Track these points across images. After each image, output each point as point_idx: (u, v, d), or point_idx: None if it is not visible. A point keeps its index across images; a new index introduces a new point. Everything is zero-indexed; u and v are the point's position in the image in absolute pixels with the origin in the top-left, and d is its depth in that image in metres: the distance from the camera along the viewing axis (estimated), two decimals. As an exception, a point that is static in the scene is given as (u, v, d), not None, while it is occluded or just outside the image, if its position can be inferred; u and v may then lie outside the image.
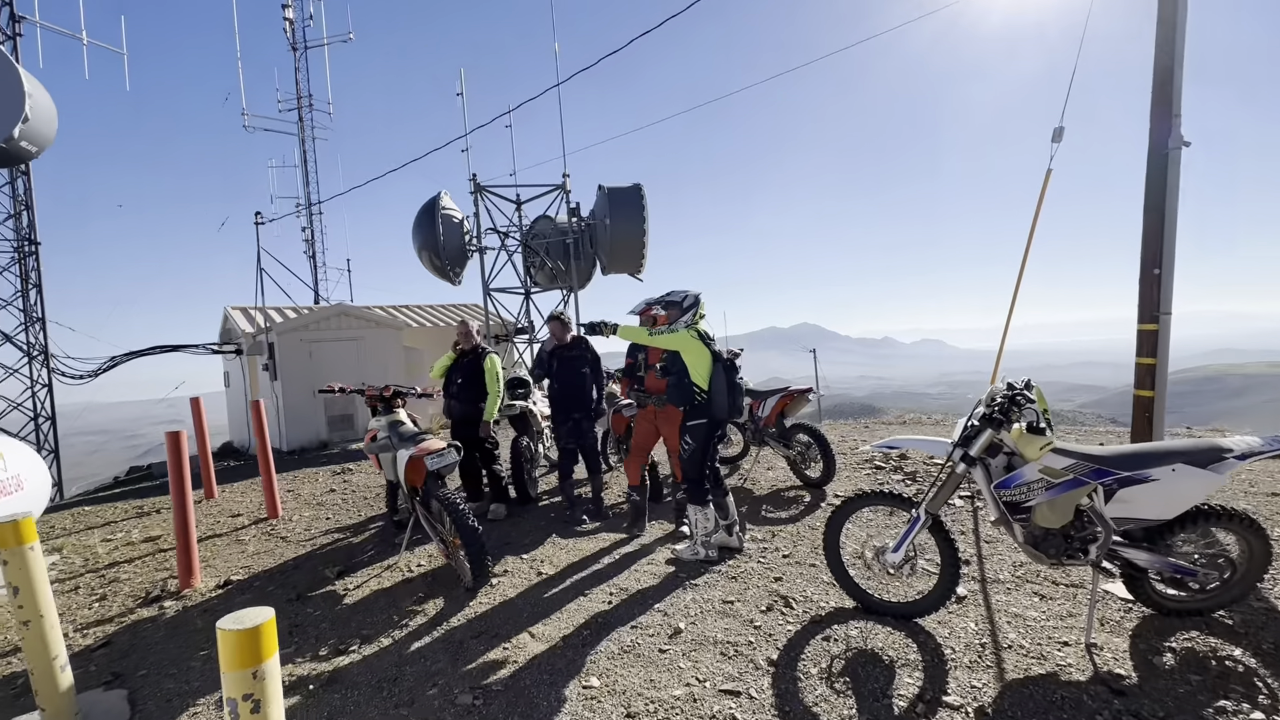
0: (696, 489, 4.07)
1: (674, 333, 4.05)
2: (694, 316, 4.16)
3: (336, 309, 12.59)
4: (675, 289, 4.25)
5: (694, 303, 4.18)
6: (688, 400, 4.03)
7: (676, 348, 4.04)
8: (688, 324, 4.14)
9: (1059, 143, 5.93)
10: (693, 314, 4.16)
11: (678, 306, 4.19)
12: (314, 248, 21.29)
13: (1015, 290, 6.12)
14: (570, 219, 14.72)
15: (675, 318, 4.16)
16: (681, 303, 4.19)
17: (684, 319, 4.16)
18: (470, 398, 5.31)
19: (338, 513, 6.00)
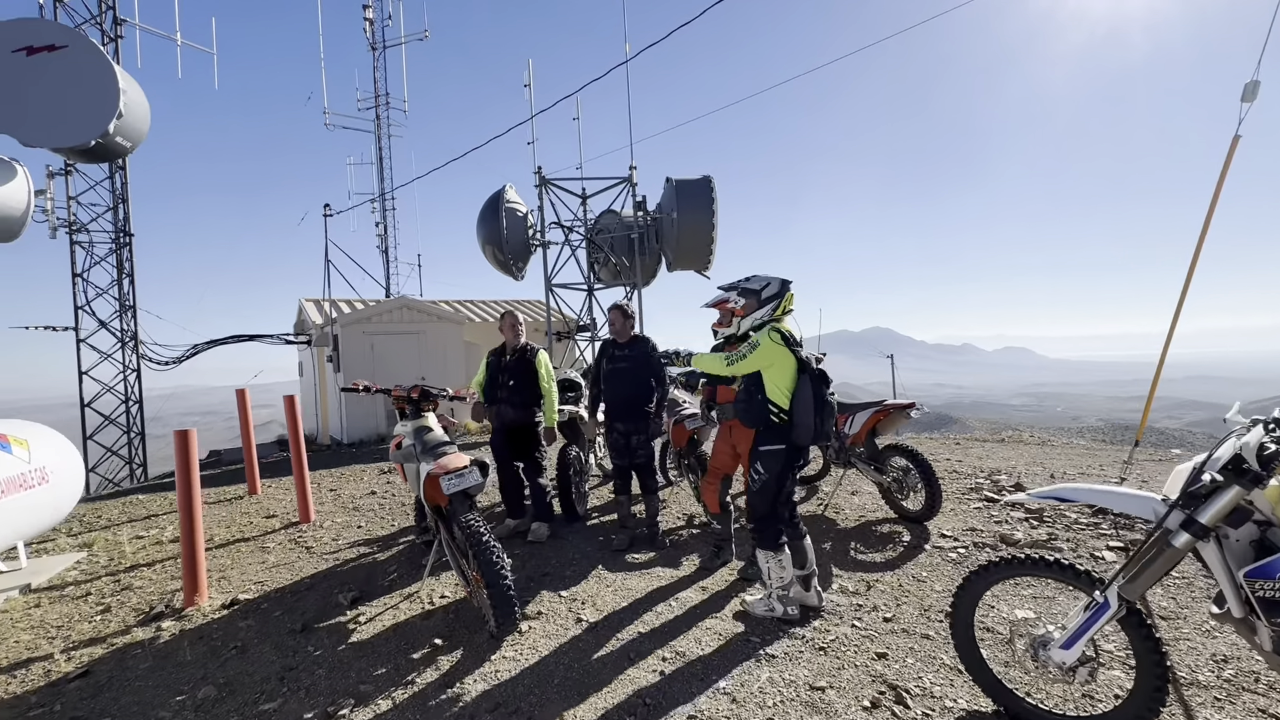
0: (766, 529, 3.23)
1: (755, 350, 3.18)
2: (777, 310, 3.31)
3: (398, 302, 12.46)
4: (755, 274, 3.40)
5: (778, 292, 3.31)
6: (761, 420, 3.20)
7: (759, 366, 3.21)
8: (769, 321, 3.30)
9: (1252, 102, 4.68)
10: (775, 307, 3.30)
11: (755, 296, 3.33)
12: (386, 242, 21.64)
13: (1185, 286, 4.91)
14: (636, 213, 14.04)
15: (753, 309, 3.32)
16: (761, 291, 3.32)
17: (763, 312, 3.31)
18: (523, 401, 4.69)
19: (371, 521, 5.53)
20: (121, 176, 14.06)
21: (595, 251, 14.57)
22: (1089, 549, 4.28)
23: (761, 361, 3.15)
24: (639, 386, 4.50)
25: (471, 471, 3.22)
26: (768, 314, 3.28)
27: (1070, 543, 4.39)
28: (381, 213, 21.13)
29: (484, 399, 4.83)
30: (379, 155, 21.04)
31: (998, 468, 7.50)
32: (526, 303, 17.07)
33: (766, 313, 3.28)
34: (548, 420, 4.67)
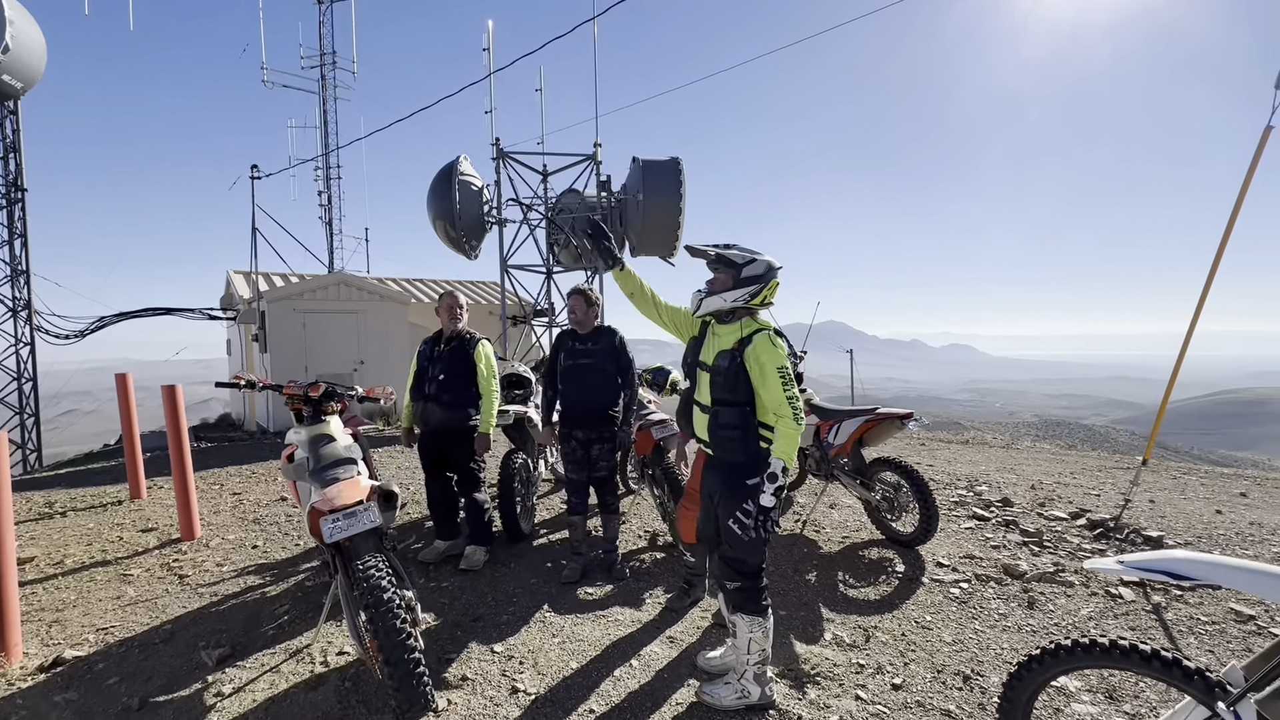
0: (752, 589, 2.51)
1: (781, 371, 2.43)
2: (755, 299, 2.49)
3: (336, 278, 11.34)
4: (738, 244, 2.55)
5: (761, 275, 2.48)
6: (754, 451, 2.47)
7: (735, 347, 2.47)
8: (742, 310, 2.51)
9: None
10: (755, 294, 2.48)
11: (733, 271, 2.48)
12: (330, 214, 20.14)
13: (1206, 286, 4.46)
14: (600, 193, 13.20)
15: (725, 286, 2.49)
16: (742, 267, 2.47)
17: (737, 295, 2.47)
18: (455, 399, 3.89)
19: (272, 539, 4.62)
20: (12, 123, 12.35)
21: (555, 232, 13.68)
22: (1101, 584, 3.80)
23: (755, 356, 2.45)
24: (603, 387, 3.76)
25: (367, 510, 2.41)
26: (742, 299, 2.46)
27: (1081, 575, 3.90)
28: (325, 181, 19.61)
29: (411, 395, 4.01)
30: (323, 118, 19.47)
31: (974, 475, 7.10)
32: (480, 284, 16.04)
33: (741, 297, 2.46)
34: (483, 424, 3.89)
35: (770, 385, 2.38)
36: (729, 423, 2.48)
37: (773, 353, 2.40)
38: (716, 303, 2.51)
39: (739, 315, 2.54)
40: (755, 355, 2.41)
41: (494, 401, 3.93)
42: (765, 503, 2.32)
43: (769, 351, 2.40)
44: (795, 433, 2.35)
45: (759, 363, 2.39)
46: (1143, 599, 3.63)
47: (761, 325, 2.52)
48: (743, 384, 2.44)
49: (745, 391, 2.44)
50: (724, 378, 2.48)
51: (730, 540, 2.50)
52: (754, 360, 2.41)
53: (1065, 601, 3.58)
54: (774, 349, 2.40)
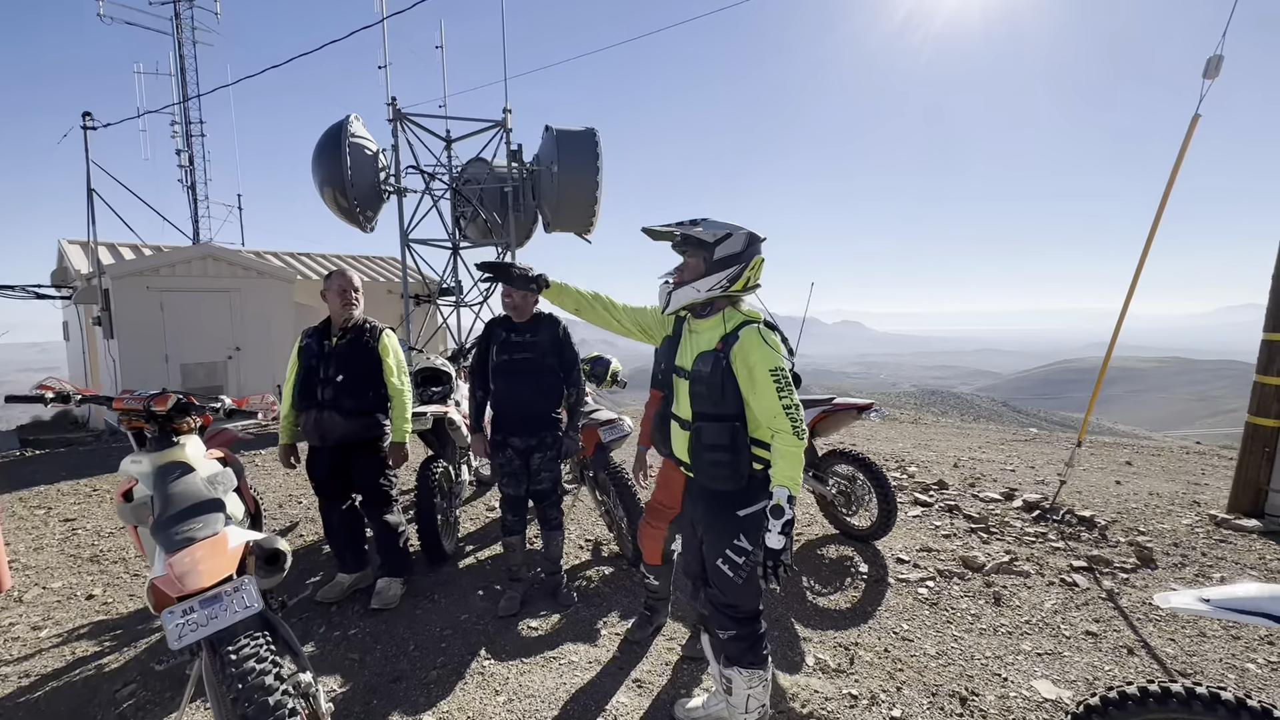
0: (750, 638, 2.06)
1: (718, 313, 2.04)
2: (738, 281, 2.01)
3: (201, 250, 9.75)
4: (708, 218, 2.03)
5: (741, 251, 2.00)
6: (739, 479, 1.99)
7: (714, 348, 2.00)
8: (723, 298, 2.04)
9: (1213, 79, 4.30)
10: (736, 275, 2.00)
11: (704, 253, 2.00)
12: (192, 177, 17.60)
13: (1140, 262, 4.54)
14: (510, 163, 12.27)
15: (697, 273, 2.01)
16: (715, 245, 1.98)
17: (715, 281, 1.99)
18: (358, 405, 3.16)
19: (117, 581, 3.65)
20: None
21: (462, 204, 12.62)
22: (1054, 570, 3.78)
23: (746, 358, 1.95)
24: (544, 385, 3.19)
25: (239, 591, 1.71)
26: (720, 285, 1.99)
27: (1034, 563, 3.86)
28: (184, 138, 17.07)
29: (294, 403, 3.22)
30: (179, 64, 16.84)
31: (897, 454, 7.20)
32: (378, 259, 14.62)
33: (718, 284, 1.99)
34: (396, 433, 3.22)
35: (763, 392, 1.90)
36: (715, 441, 1.99)
37: (764, 351, 1.92)
38: (689, 294, 2.02)
39: (719, 306, 2.05)
40: (743, 355, 1.93)
41: (408, 404, 3.25)
42: (773, 544, 1.83)
43: (759, 350, 1.92)
44: (797, 450, 1.88)
45: (747, 365, 1.92)
46: (1095, 585, 3.63)
47: (749, 316, 2.03)
48: (730, 392, 1.95)
49: (734, 402, 1.96)
50: (706, 386, 1.99)
51: (720, 583, 2.04)
52: (741, 362, 1.93)
53: (1028, 594, 3.50)
54: (765, 346, 1.92)
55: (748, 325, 1.98)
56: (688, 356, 2.09)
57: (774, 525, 1.84)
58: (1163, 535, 4.34)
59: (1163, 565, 3.87)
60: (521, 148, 12.51)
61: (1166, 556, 3.99)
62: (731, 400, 1.96)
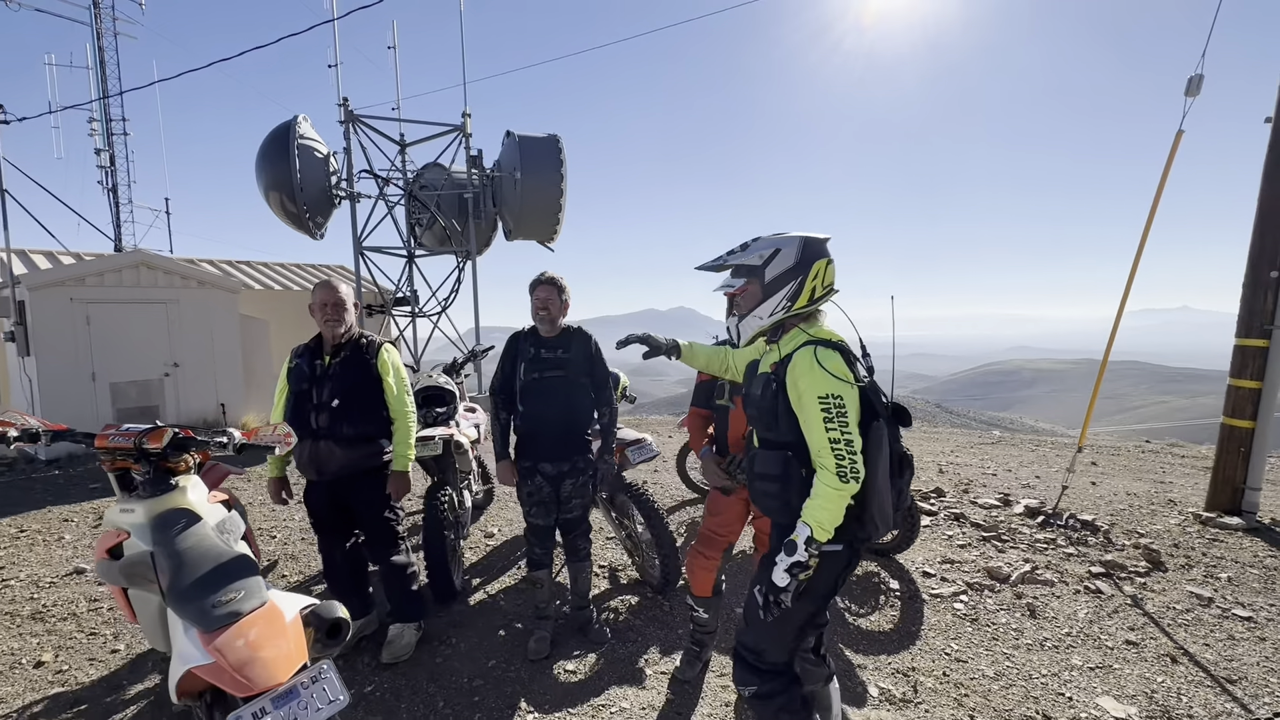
0: (773, 695, 1.82)
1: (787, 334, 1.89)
2: (800, 298, 1.83)
3: (134, 258, 8.90)
4: (758, 237, 1.91)
5: (795, 264, 1.82)
6: (789, 513, 1.75)
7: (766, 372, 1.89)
8: (789, 320, 1.88)
9: (1195, 96, 4.50)
10: (795, 291, 1.82)
11: (755, 275, 1.86)
12: (113, 179, 16.25)
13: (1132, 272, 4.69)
14: (470, 169, 11.87)
15: (755, 300, 1.87)
16: (764, 267, 1.84)
17: (774, 305, 1.84)
18: (358, 433, 2.81)
19: (70, 642, 3.13)
20: None
21: (418, 211, 12.11)
22: (1075, 577, 3.80)
23: (799, 387, 1.75)
24: (577, 405, 2.94)
25: (320, 683, 1.37)
26: (781, 308, 1.83)
27: (1054, 571, 3.88)
28: (105, 136, 15.76)
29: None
30: (99, 57, 15.54)
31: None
32: (327, 268, 13.84)
33: (779, 306, 1.83)
34: (398, 460, 2.88)
35: (810, 422, 1.71)
36: (765, 470, 1.85)
37: (815, 376, 1.70)
38: (753, 325, 1.90)
39: (790, 326, 1.90)
40: (794, 379, 1.75)
41: (412, 427, 2.90)
42: (776, 579, 1.68)
43: (810, 374, 1.71)
44: (835, 494, 1.64)
45: (797, 390, 1.74)
46: (1118, 591, 3.67)
47: (814, 335, 1.82)
48: (784, 418, 1.79)
49: (788, 429, 1.78)
50: (757, 409, 1.88)
51: (748, 613, 1.86)
52: (792, 386, 1.76)
53: (1059, 604, 3.49)
54: (817, 370, 1.70)
55: (805, 346, 1.78)
56: (754, 379, 1.98)
57: (782, 561, 1.67)
58: (1160, 536, 4.46)
59: (1172, 567, 3.96)
60: (481, 153, 12.14)
61: (1171, 558, 4.09)
62: (786, 427, 1.79)
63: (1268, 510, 4.93)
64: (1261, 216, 4.82)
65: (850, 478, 1.64)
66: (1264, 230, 4.81)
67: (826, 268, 1.84)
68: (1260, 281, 4.83)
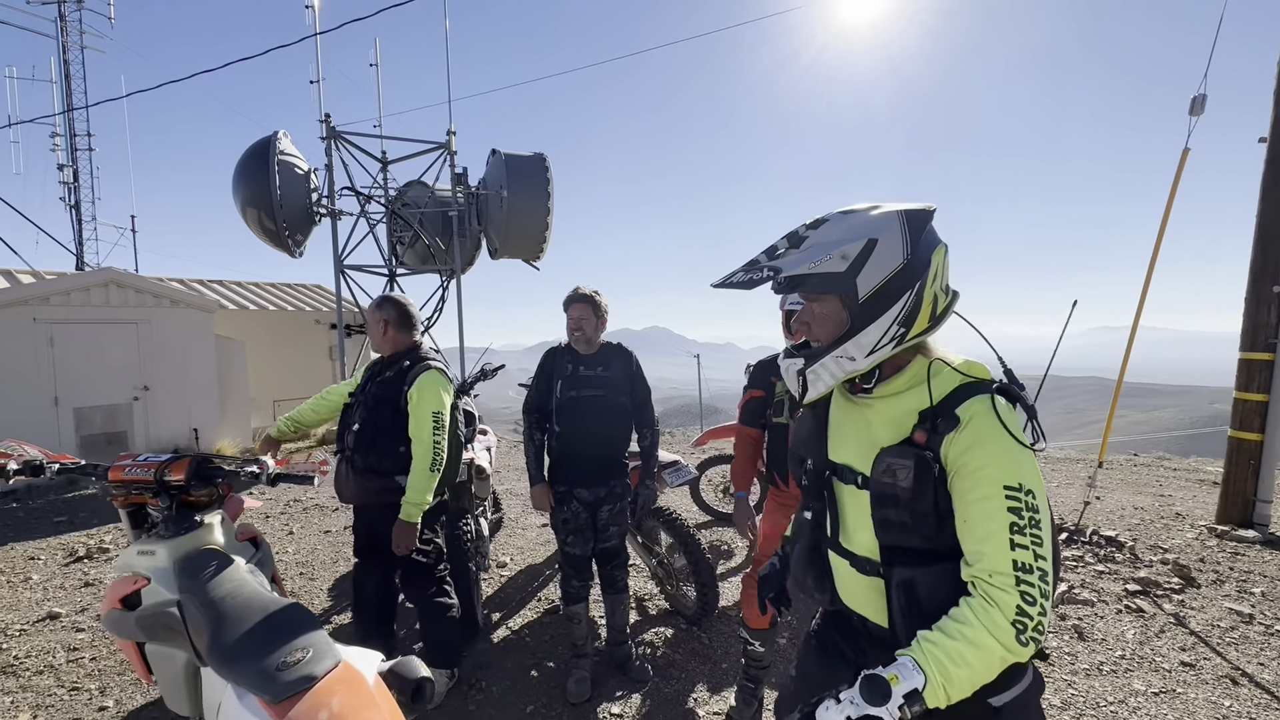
0: None
1: (904, 373, 1.19)
2: (925, 306, 1.13)
3: (102, 275, 8.45)
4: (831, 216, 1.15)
5: (911, 250, 1.11)
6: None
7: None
8: (900, 340, 1.14)
9: (1199, 115, 4.60)
10: (916, 294, 1.12)
11: (838, 287, 1.12)
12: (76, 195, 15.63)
13: (1144, 291, 4.72)
14: (455, 187, 11.71)
15: (847, 325, 1.14)
16: (860, 259, 1.10)
17: (889, 325, 1.12)
18: (370, 464, 2.51)
19: (49, 703, 2.80)
20: None
21: (400, 229, 11.88)
22: (1113, 596, 3.73)
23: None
24: (616, 427, 2.76)
25: None
26: (893, 335, 1.13)
27: (1091, 590, 3.80)
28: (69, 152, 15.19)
29: (337, 443, 2.63)
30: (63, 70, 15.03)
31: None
32: (303, 287, 13.43)
33: (890, 331, 1.13)
34: (406, 509, 2.44)
35: (976, 519, 1.06)
36: (937, 598, 1.09)
37: (1003, 448, 1.06)
38: (837, 370, 1.16)
39: (902, 360, 1.20)
40: (966, 452, 1.07)
41: (427, 474, 2.45)
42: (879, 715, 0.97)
43: (997, 445, 1.06)
44: (1001, 655, 1.00)
45: (969, 469, 1.07)
46: (1159, 609, 3.60)
47: (969, 373, 1.16)
48: (947, 513, 1.10)
49: (952, 529, 1.10)
50: (905, 507, 1.11)
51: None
52: (962, 464, 1.07)
53: (1104, 625, 3.40)
54: (1005, 440, 1.06)
55: (976, 394, 1.09)
56: (850, 447, 1.22)
57: (846, 702, 0.99)
58: (1184, 551, 4.44)
59: (1204, 584, 3.91)
60: (466, 171, 12.00)
61: (1201, 574, 4.05)
62: (950, 525, 1.10)
63: (1279, 522, 4.97)
64: (1261, 233, 4.93)
65: (1031, 638, 0.99)
66: (1265, 247, 4.91)
67: (945, 259, 1.15)
68: (1263, 296, 4.92)
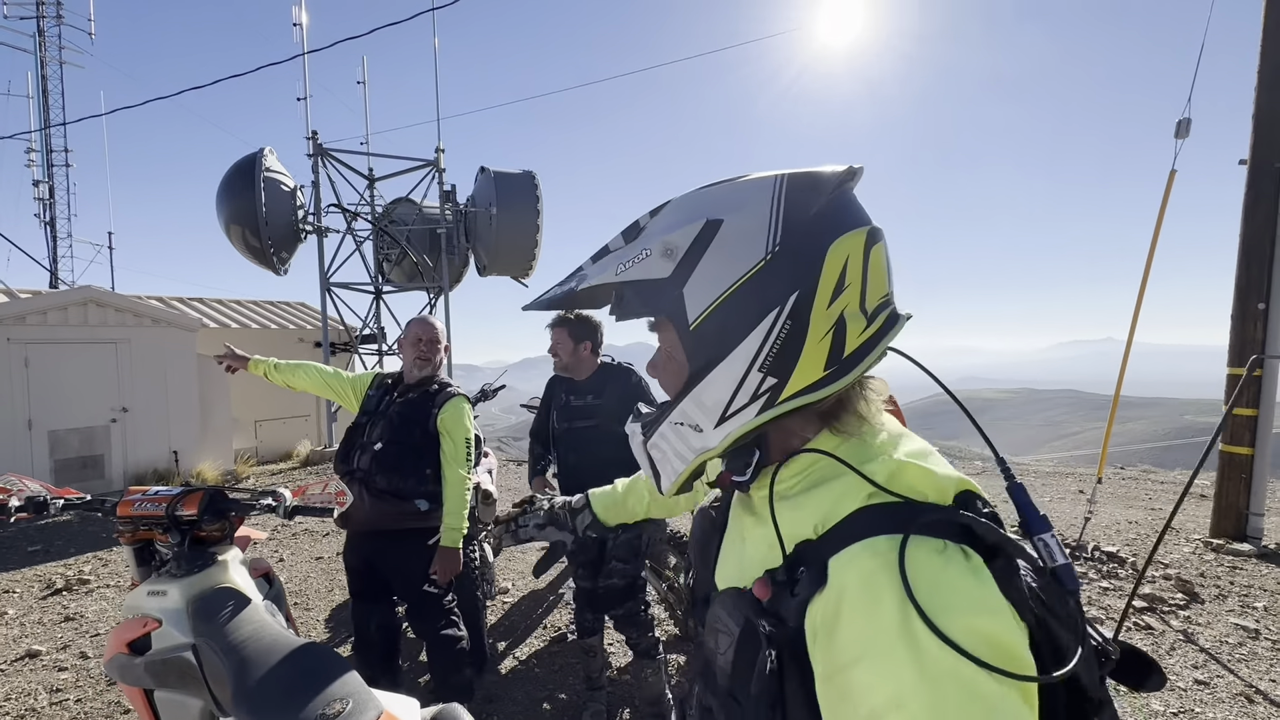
0: None
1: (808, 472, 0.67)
2: (818, 340, 0.63)
3: (80, 294, 8.23)
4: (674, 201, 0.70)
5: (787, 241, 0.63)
6: None
7: None
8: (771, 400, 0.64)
9: (1185, 138, 4.73)
10: (797, 315, 0.62)
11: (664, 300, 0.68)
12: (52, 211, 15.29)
13: (1136, 309, 4.80)
14: (443, 205, 11.68)
15: (685, 369, 0.69)
16: (688, 256, 0.65)
17: (744, 371, 0.64)
18: (394, 487, 2.43)
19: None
20: None
21: (386, 246, 11.80)
22: (1119, 613, 3.73)
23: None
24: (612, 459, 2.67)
25: None
26: (757, 394, 0.65)
27: (1098, 608, 3.80)
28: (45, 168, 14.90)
29: (335, 462, 2.55)
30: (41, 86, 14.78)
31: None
32: (286, 304, 13.22)
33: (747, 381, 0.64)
34: (448, 535, 2.44)
35: None
36: None
37: (882, 642, 0.51)
38: (681, 447, 0.72)
39: (793, 442, 0.70)
40: (829, 631, 0.55)
41: (465, 497, 2.49)
42: None
43: (874, 634, 0.52)
44: None
45: (837, 663, 0.53)
46: (1166, 626, 3.61)
47: (890, 489, 0.60)
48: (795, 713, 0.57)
49: None
50: (720, 691, 0.64)
51: None
52: (825, 646, 0.55)
53: (1116, 643, 3.40)
54: (893, 627, 0.50)
55: (874, 535, 0.56)
56: (731, 566, 0.74)
57: None
58: (1184, 566, 4.47)
59: (1207, 599, 3.94)
60: (455, 188, 11.98)
61: (1203, 589, 4.08)
62: None
63: (1272, 535, 5.04)
64: (1245, 252, 5.07)
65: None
66: (1248, 264, 5.04)
67: (875, 258, 0.66)
68: (1248, 313, 5.04)
